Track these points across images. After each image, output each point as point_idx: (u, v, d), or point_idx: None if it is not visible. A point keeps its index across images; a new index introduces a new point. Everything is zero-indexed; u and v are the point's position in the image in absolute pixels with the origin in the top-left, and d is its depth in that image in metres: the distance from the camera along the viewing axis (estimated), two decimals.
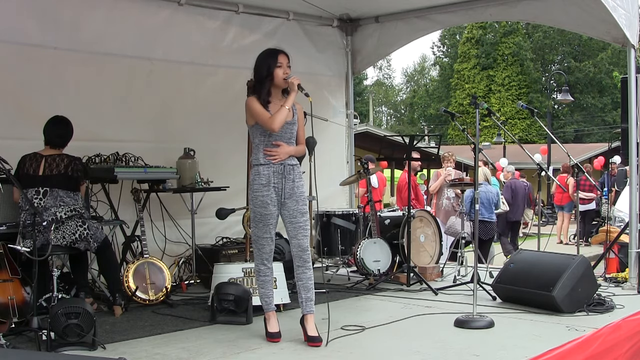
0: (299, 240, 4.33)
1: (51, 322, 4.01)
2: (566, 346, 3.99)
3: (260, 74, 4.33)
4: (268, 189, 4.27)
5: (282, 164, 4.31)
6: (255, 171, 4.32)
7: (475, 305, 4.70)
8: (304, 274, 4.33)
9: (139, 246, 5.71)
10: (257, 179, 4.29)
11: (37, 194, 4.85)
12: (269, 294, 4.43)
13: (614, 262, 7.07)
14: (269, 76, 4.30)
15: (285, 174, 4.30)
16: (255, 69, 4.38)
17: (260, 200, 4.28)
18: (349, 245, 6.79)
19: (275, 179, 4.28)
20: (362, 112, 42.45)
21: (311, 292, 4.32)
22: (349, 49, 8.19)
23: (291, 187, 4.32)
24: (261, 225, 4.33)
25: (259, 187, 4.28)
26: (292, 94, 4.30)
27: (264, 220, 4.31)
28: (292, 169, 4.36)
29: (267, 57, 4.35)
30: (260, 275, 4.44)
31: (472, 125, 27.40)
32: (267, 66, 4.31)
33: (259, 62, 4.37)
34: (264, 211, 4.28)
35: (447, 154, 9.33)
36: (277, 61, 4.31)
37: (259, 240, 4.38)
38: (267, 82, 4.31)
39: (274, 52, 4.36)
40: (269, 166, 4.28)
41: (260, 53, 4.42)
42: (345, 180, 7.35)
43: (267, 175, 4.27)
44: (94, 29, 5.98)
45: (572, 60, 43.78)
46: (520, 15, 7.34)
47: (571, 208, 14.99)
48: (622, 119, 6.37)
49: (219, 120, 6.86)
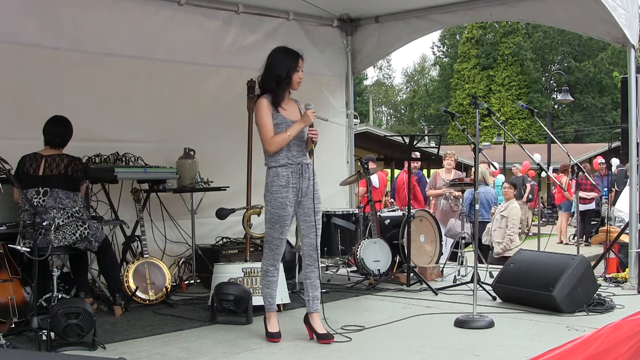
0: (311, 239, 4.33)
1: (51, 322, 4.01)
2: (566, 346, 3.99)
3: (278, 74, 4.22)
4: (287, 190, 4.24)
5: (300, 163, 4.29)
6: (274, 173, 4.26)
7: (475, 305, 4.70)
8: (312, 273, 4.33)
9: (139, 246, 5.71)
10: (277, 180, 4.24)
11: (37, 194, 4.85)
12: (272, 294, 4.41)
13: (614, 262, 7.07)
14: (287, 79, 4.23)
15: (302, 172, 4.29)
16: (271, 66, 4.25)
17: (279, 202, 4.23)
18: (349, 245, 6.79)
19: (294, 179, 4.26)
20: (362, 112, 42.47)
21: (318, 290, 4.35)
22: (349, 49, 8.19)
23: (307, 185, 4.32)
24: (277, 226, 4.29)
25: (279, 189, 4.23)
26: (302, 124, 4.26)
27: (281, 222, 4.27)
28: (308, 167, 4.35)
29: (288, 57, 4.26)
30: (267, 275, 4.40)
31: (472, 125, 27.39)
32: (287, 68, 4.22)
33: (277, 60, 4.26)
34: (282, 212, 4.24)
35: (448, 152, 9.30)
36: (297, 65, 4.25)
37: (273, 241, 4.34)
38: (285, 85, 4.25)
39: (294, 54, 4.28)
40: (287, 167, 4.25)
41: (276, 50, 4.32)
42: (345, 180, 7.35)
43: (286, 176, 4.24)
44: (94, 29, 5.98)
45: (572, 60, 43.78)
46: (520, 15, 7.33)
47: (568, 207, 15.00)
48: (622, 119, 6.36)
49: (219, 121, 6.86)
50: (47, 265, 4.97)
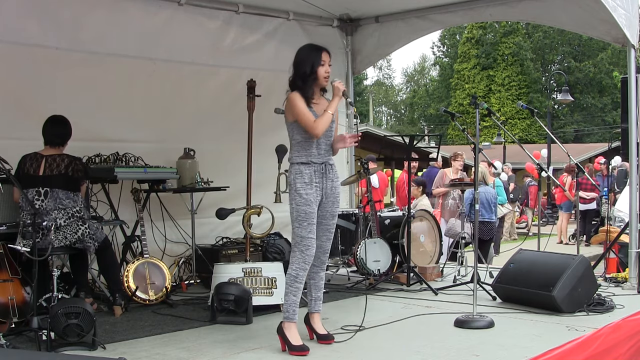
0: (323, 243, 4.25)
1: (51, 322, 4.01)
2: (566, 346, 3.99)
3: (303, 71, 4.17)
4: (311, 187, 4.12)
5: (324, 163, 4.21)
6: (297, 170, 4.15)
7: (475, 305, 4.70)
8: (317, 274, 4.30)
9: (139, 246, 5.71)
10: (300, 177, 4.13)
11: (37, 195, 4.84)
12: (298, 302, 4.17)
13: (614, 262, 7.07)
14: (313, 74, 4.17)
15: (326, 172, 4.21)
16: (297, 64, 4.21)
17: (304, 198, 4.09)
18: (349, 245, 6.79)
19: (317, 178, 4.16)
20: (362, 112, 42.47)
21: (321, 291, 4.33)
22: (349, 49, 8.18)
23: (330, 187, 4.22)
24: (306, 224, 4.10)
25: (302, 186, 4.11)
26: (336, 98, 4.19)
27: (309, 219, 4.10)
28: (332, 168, 4.27)
29: (311, 53, 4.20)
30: (296, 281, 4.13)
31: (472, 125, 27.38)
32: (311, 63, 4.16)
33: (302, 57, 4.21)
34: (308, 209, 4.10)
35: (458, 153, 9.24)
36: (320, 59, 4.18)
37: (304, 241, 4.11)
38: (311, 80, 4.17)
39: (317, 48, 4.23)
40: (310, 165, 4.15)
41: (301, 47, 4.29)
42: (345, 180, 7.34)
43: (309, 174, 4.13)
44: (94, 29, 5.98)
45: (572, 60, 43.79)
46: (520, 15, 7.34)
47: (569, 207, 15.00)
48: (622, 119, 6.37)
49: (219, 120, 6.86)
50: (47, 265, 4.97)
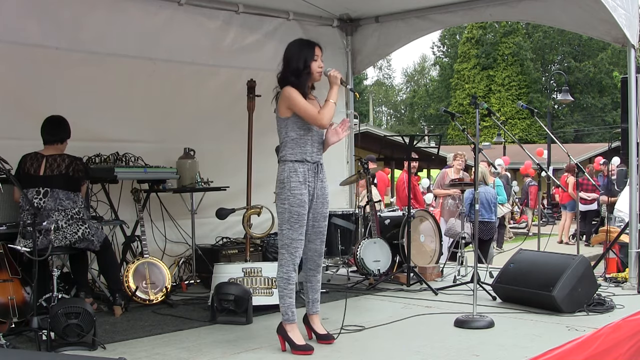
0: (316, 245, 4.20)
1: (51, 322, 4.01)
2: (566, 346, 3.99)
3: (296, 66, 4.08)
4: (305, 186, 4.03)
5: (316, 162, 4.12)
6: (291, 168, 4.03)
7: (475, 305, 4.70)
8: (314, 277, 4.27)
9: (139, 246, 5.71)
10: (294, 175, 4.01)
11: (37, 194, 4.84)
12: (294, 302, 4.13)
13: (614, 262, 7.07)
14: (306, 69, 4.08)
15: (318, 172, 4.13)
16: (288, 59, 4.11)
17: (298, 198, 3.99)
18: (349, 245, 6.79)
19: (310, 177, 4.07)
20: (362, 112, 42.46)
21: (318, 293, 4.32)
22: (349, 49, 8.18)
23: (320, 187, 4.14)
24: (297, 226, 4.01)
25: (297, 185, 4.00)
26: (335, 87, 4.13)
27: (301, 221, 4.02)
28: (322, 168, 4.18)
29: (303, 48, 4.13)
30: (289, 283, 4.07)
31: (472, 125, 27.39)
32: (304, 59, 4.08)
33: (293, 52, 4.12)
34: (301, 210, 4.00)
35: (459, 153, 9.24)
36: (314, 54, 4.12)
37: (293, 243, 4.03)
38: (305, 75, 4.08)
39: (309, 43, 4.16)
40: (304, 163, 4.05)
41: (291, 42, 4.21)
42: (345, 180, 7.35)
43: (303, 172, 4.03)
44: (94, 29, 5.98)
45: (572, 60, 43.81)
46: (520, 15, 7.33)
47: (573, 207, 14.99)
48: (622, 119, 6.36)
49: (219, 120, 6.85)
50: (47, 265, 4.97)
